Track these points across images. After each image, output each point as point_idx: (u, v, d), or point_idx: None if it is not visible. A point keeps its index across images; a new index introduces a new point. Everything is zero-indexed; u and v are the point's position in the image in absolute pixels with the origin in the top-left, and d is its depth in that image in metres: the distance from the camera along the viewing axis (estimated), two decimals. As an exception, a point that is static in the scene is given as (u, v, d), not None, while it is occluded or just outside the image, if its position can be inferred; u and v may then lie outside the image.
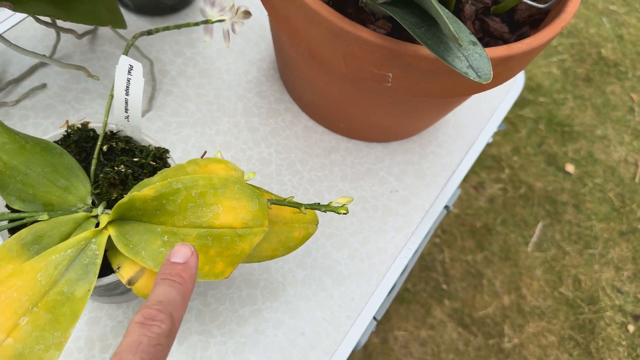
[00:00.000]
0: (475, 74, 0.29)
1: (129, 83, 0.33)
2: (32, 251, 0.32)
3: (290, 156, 0.52)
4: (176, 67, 0.54)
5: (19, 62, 0.51)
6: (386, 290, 0.47)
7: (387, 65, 0.36)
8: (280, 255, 0.37)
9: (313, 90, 0.48)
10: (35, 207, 0.34)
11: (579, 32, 1.69)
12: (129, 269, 0.33)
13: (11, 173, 0.33)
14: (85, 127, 0.37)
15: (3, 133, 0.33)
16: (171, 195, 0.32)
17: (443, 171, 0.54)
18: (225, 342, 0.42)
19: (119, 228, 0.33)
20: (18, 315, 0.30)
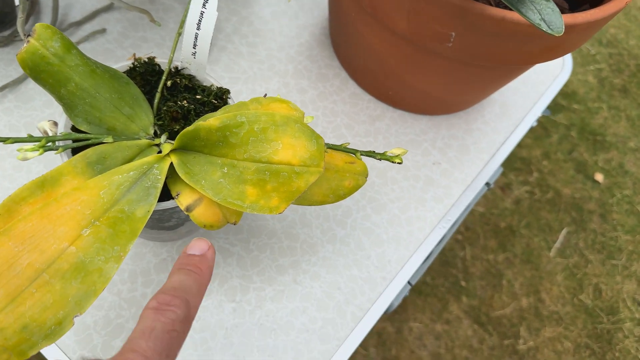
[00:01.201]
0: (547, 26, 0.29)
1: (202, 16, 0.34)
2: (95, 170, 0.33)
3: (336, 120, 0.53)
4: (231, 25, 0.55)
5: (81, 7, 0.53)
6: (422, 256, 0.47)
7: (452, 23, 0.37)
8: (330, 202, 0.38)
9: (366, 54, 0.49)
10: (100, 131, 0.35)
11: (618, 42, 1.67)
12: (188, 197, 0.34)
13: (81, 94, 0.34)
14: (151, 61, 0.38)
15: (77, 55, 0.34)
16: (235, 127, 0.33)
17: (488, 148, 0.54)
18: (264, 289, 0.43)
19: (181, 157, 0.34)
20: (81, 226, 0.31)
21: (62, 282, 0.30)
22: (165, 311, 0.22)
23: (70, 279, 0.30)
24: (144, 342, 0.21)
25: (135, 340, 0.21)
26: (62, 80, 0.34)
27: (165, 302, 0.23)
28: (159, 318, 0.22)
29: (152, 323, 0.22)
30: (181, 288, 0.24)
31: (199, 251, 0.27)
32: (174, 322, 0.22)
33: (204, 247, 0.27)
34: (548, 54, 0.41)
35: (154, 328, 0.22)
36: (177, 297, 0.23)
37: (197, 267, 0.26)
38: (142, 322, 0.22)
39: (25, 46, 0.33)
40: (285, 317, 0.42)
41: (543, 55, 0.40)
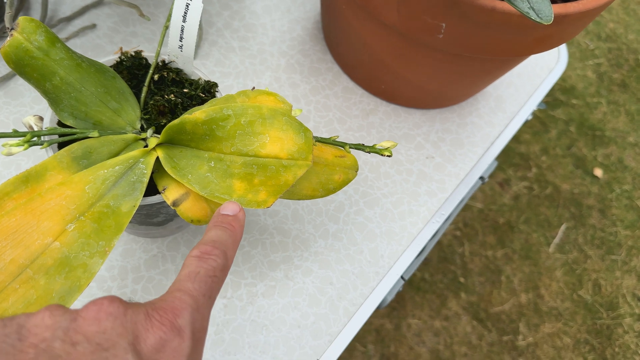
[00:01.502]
0: (536, 15, 0.29)
1: (187, 8, 0.33)
2: (81, 165, 0.33)
3: (329, 115, 0.52)
4: (222, 19, 0.54)
5: (71, 2, 0.52)
6: (416, 251, 0.47)
7: (442, 14, 0.36)
8: (320, 196, 0.37)
9: (358, 47, 0.48)
10: (86, 125, 0.35)
11: (617, 37, 1.66)
12: (174, 191, 0.33)
13: (66, 89, 0.34)
14: (138, 55, 0.37)
15: (62, 49, 0.33)
16: (221, 120, 0.32)
17: (481, 142, 0.53)
18: (256, 284, 0.43)
19: (168, 151, 0.33)
20: (66, 221, 0.30)
21: (46, 278, 0.30)
22: (207, 259, 0.25)
23: (55, 274, 0.30)
24: (190, 284, 0.23)
25: (182, 282, 0.23)
26: (47, 74, 0.33)
27: (207, 251, 0.25)
28: (201, 265, 0.24)
29: (196, 268, 0.24)
30: (219, 241, 0.26)
31: (232, 212, 0.29)
32: (214, 269, 0.24)
33: (236, 209, 0.29)
34: (541, 45, 0.40)
35: (198, 272, 0.24)
36: (216, 248, 0.25)
37: (230, 225, 0.28)
38: (187, 268, 0.24)
39: (9, 40, 0.32)
40: (277, 313, 0.42)
41: (536, 46, 0.40)
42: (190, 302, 0.22)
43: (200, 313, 0.22)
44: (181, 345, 0.20)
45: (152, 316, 0.21)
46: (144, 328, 0.20)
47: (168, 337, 0.20)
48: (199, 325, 0.22)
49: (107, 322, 0.20)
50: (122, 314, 0.20)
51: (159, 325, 0.20)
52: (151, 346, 0.20)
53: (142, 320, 0.20)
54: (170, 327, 0.20)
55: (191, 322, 0.21)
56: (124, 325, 0.20)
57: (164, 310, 0.21)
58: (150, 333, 0.20)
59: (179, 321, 0.21)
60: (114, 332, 0.19)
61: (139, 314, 0.20)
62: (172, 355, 0.20)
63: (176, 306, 0.21)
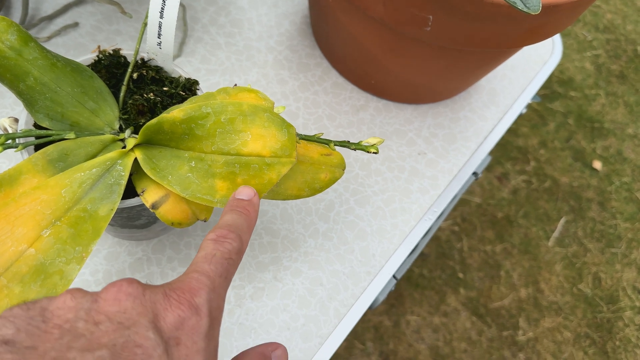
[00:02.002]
0: (524, 5, 0.28)
1: (164, 4, 0.32)
2: (57, 167, 0.32)
3: (318, 111, 0.51)
4: (208, 15, 0.53)
5: (53, 1, 0.51)
6: (408, 249, 0.46)
7: (429, 6, 0.35)
8: (305, 195, 0.36)
9: (347, 41, 0.47)
10: (62, 127, 0.34)
11: (615, 28, 1.65)
12: (154, 193, 0.32)
13: (41, 89, 0.33)
14: (116, 53, 0.36)
15: (35, 48, 0.32)
16: (200, 119, 0.31)
17: (474, 137, 0.52)
18: (244, 287, 0.42)
19: (146, 151, 0.32)
20: (41, 227, 0.29)
21: (21, 286, 0.29)
22: (223, 242, 0.25)
23: (30, 282, 0.29)
24: (207, 265, 0.23)
25: (199, 264, 0.24)
26: (20, 74, 0.32)
27: (223, 235, 0.26)
28: (217, 247, 0.25)
29: (213, 251, 0.24)
30: (235, 225, 0.27)
31: (247, 197, 0.30)
32: (230, 251, 0.25)
33: (251, 194, 0.30)
34: (533, 36, 0.39)
35: (215, 255, 0.24)
36: (232, 231, 0.26)
37: (245, 210, 0.28)
38: (204, 250, 0.25)
39: (-21, 39, 0.31)
40: (266, 316, 0.41)
41: (527, 37, 0.39)
42: (207, 283, 0.23)
43: (217, 293, 0.23)
44: (199, 322, 0.21)
45: (170, 296, 0.21)
46: (163, 307, 0.21)
47: (186, 315, 0.21)
48: (215, 305, 0.22)
49: (127, 302, 0.20)
50: (141, 294, 0.21)
51: (177, 304, 0.21)
52: (170, 324, 0.20)
53: (160, 300, 0.21)
54: (188, 306, 0.21)
55: (208, 301, 0.22)
56: (144, 305, 0.20)
57: (181, 290, 0.22)
58: (169, 312, 0.20)
59: (196, 300, 0.21)
60: (134, 312, 0.20)
61: (157, 294, 0.21)
62: (191, 332, 0.21)
63: (193, 286, 0.22)
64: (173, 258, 0.42)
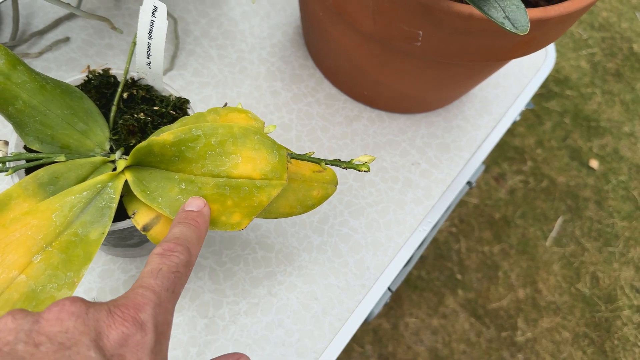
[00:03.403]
0: (512, 25, 0.28)
1: (152, 26, 0.32)
2: (47, 191, 0.32)
3: (311, 123, 0.51)
4: (200, 27, 0.53)
5: (44, 15, 0.51)
6: (403, 261, 0.46)
7: (418, 21, 0.35)
8: (297, 213, 0.36)
9: (338, 54, 0.47)
10: (52, 149, 0.34)
11: (610, 26, 1.64)
12: (145, 215, 0.32)
13: (30, 112, 0.33)
14: (106, 73, 0.36)
15: (24, 71, 0.32)
16: (190, 141, 0.31)
17: (468, 146, 0.52)
18: (238, 302, 0.42)
19: (137, 174, 0.32)
20: (32, 253, 0.29)
21: (12, 313, 0.28)
22: (169, 256, 0.25)
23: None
24: (152, 280, 0.23)
25: (145, 279, 0.23)
26: (9, 98, 0.32)
27: (169, 248, 0.25)
28: (164, 261, 0.25)
29: (159, 265, 0.24)
30: (182, 237, 0.26)
31: (196, 207, 0.29)
32: (177, 264, 0.25)
33: (201, 205, 0.29)
34: (522, 50, 0.39)
35: (161, 269, 0.24)
36: (179, 244, 0.26)
37: (195, 221, 0.28)
38: (150, 265, 0.24)
39: (-34, 65, 0.31)
40: (260, 332, 0.41)
41: (517, 50, 0.39)
42: (152, 297, 0.22)
43: (163, 307, 0.23)
44: (144, 338, 0.21)
45: (114, 313, 0.21)
46: (106, 324, 0.20)
47: (130, 332, 0.20)
48: (162, 319, 0.22)
49: (69, 321, 0.20)
50: (84, 312, 0.20)
51: (121, 321, 0.21)
52: (114, 341, 0.20)
53: (104, 318, 0.20)
54: (133, 322, 0.21)
55: (153, 316, 0.22)
56: (86, 324, 0.20)
57: (125, 307, 0.21)
58: (112, 329, 0.20)
59: (141, 316, 0.21)
60: (76, 331, 0.20)
61: (101, 311, 0.21)
62: (136, 348, 0.20)
63: (138, 302, 0.22)
64: (167, 275, 0.42)
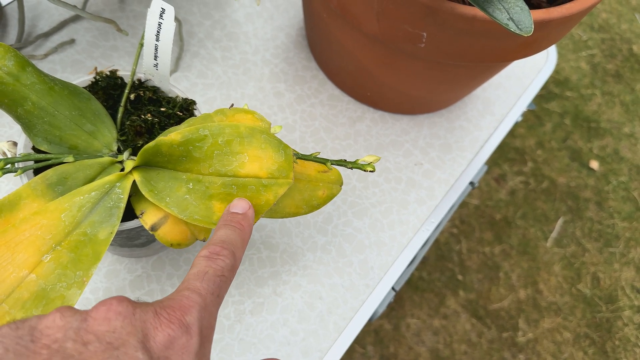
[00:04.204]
0: (516, 26, 0.28)
1: (160, 27, 0.33)
2: (56, 192, 0.32)
3: (315, 124, 0.51)
4: (204, 29, 0.54)
5: (49, 17, 0.51)
6: (406, 261, 0.46)
7: (422, 23, 0.35)
8: (303, 213, 0.36)
9: (341, 55, 0.47)
10: (61, 150, 0.34)
11: (610, 27, 1.65)
12: (153, 215, 0.32)
13: (39, 113, 0.33)
14: (113, 75, 0.37)
15: (33, 73, 0.33)
16: (198, 141, 0.31)
17: (470, 146, 0.52)
18: (243, 302, 0.42)
19: (144, 174, 0.32)
20: (41, 252, 0.30)
21: (22, 312, 0.29)
22: (215, 259, 0.25)
23: (31, 308, 0.29)
24: (199, 283, 0.23)
25: (191, 281, 0.23)
26: (18, 99, 0.32)
27: (215, 252, 0.25)
28: (210, 264, 0.25)
29: (205, 268, 0.24)
30: (228, 241, 0.27)
31: (241, 210, 0.29)
32: (223, 268, 0.25)
33: (246, 207, 0.30)
34: (525, 51, 0.39)
35: (207, 272, 0.24)
36: (225, 248, 0.26)
37: (239, 224, 0.28)
38: (196, 267, 0.25)
39: (-24, 66, 0.31)
40: (266, 331, 0.41)
41: (520, 52, 0.39)
42: (198, 301, 0.22)
43: (208, 311, 0.23)
44: (189, 342, 0.21)
45: (160, 314, 0.21)
46: (153, 326, 0.20)
47: (176, 334, 0.21)
48: (206, 323, 0.22)
49: (116, 321, 0.20)
50: (131, 313, 0.20)
51: (167, 323, 0.21)
52: (160, 343, 0.20)
53: (150, 319, 0.21)
54: (179, 325, 0.21)
55: (199, 319, 0.22)
56: (133, 324, 0.20)
57: (172, 309, 0.21)
58: (159, 331, 0.20)
59: (187, 319, 0.21)
60: (124, 331, 0.20)
61: (148, 312, 0.21)
62: (181, 351, 0.20)
63: (184, 304, 0.22)
64: (173, 275, 0.42)
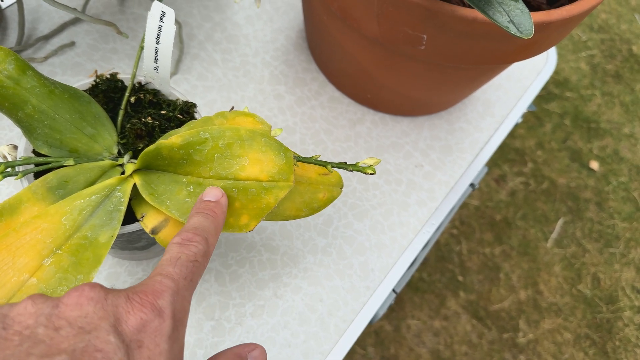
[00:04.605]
0: (516, 29, 0.28)
1: (160, 31, 0.33)
2: (57, 195, 0.32)
3: (315, 126, 0.51)
4: (204, 31, 0.54)
5: (49, 20, 0.51)
6: (407, 263, 0.46)
7: (422, 25, 0.35)
8: (304, 215, 0.36)
9: (342, 57, 0.47)
10: (61, 153, 0.34)
11: (610, 27, 1.65)
12: (153, 218, 0.32)
13: (39, 117, 0.33)
14: (113, 78, 0.37)
15: (33, 76, 0.33)
16: (198, 144, 0.31)
17: (470, 148, 0.52)
18: (244, 304, 0.42)
19: (145, 177, 0.32)
20: (42, 256, 0.30)
21: (23, 315, 0.29)
22: (188, 245, 0.25)
23: (32, 311, 0.29)
24: (171, 268, 0.24)
25: (164, 267, 0.24)
26: (19, 103, 0.32)
27: (188, 238, 0.26)
28: (182, 250, 0.25)
29: (177, 254, 0.25)
30: (201, 228, 0.27)
31: (214, 198, 0.29)
32: (195, 254, 0.25)
33: (218, 195, 0.30)
34: (525, 53, 0.39)
35: (179, 258, 0.24)
36: (198, 234, 0.26)
37: (212, 212, 0.28)
38: (169, 253, 0.25)
39: (-23, 70, 0.31)
40: (267, 333, 0.41)
41: (520, 54, 0.39)
42: (170, 285, 0.22)
43: (181, 295, 0.23)
44: (162, 324, 0.21)
45: (132, 299, 0.21)
46: (125, 310, 0.20)
47: (149, 318, 0.21)
48: (179, 307, 0.22)
49: (88, 306, 0.20)
50: (103, 298, 0.21)
51: (140, 307, 0.21)
52: (132, 327, 0.20)
53: (122, 303, 0.21)
54: (151, 308, 0.21)
55: (171, 303, 0.22)
56: (105, 309, 0.20)
57: (144, 293, 0.22)
58: (131, 315, 0.20)
59: (159, 302, 0.21)
60: (96, 316, 0.20)
61: (120, 297, 0.21)
62: (153, 334, 0.21)
63: (157, 289, 0.22)
64: (173, 277, 0.42)
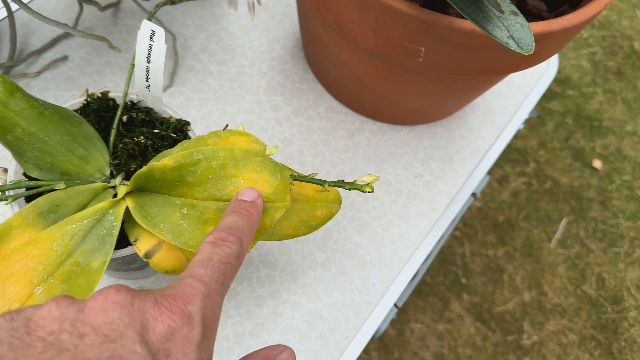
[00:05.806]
0: (516, 45, 0.27)
1: (150, 50, 0.32)
2: (48, 220, 0.31)
3: (313, 137, 0.51)
4: (199, 42, 0.53)
5: (41, 34, 0.50)
6: (408, 277, 0.45)
7: (420, 38, 0.35)
8: (302, 234, 0.36)
9: (339, 68, 0.46)
10: (52, 176, 0.33)
11: (611, 24, 1.64)
12: (146, 242, 0.32)
13: (29, 140, 0.32)
14: (105, 96, 0.36)
15: (22, 98, 0.32)
16: (191, 166, 0.31)
17: (471, 157, 0.52)
18: (243, 323, 0.41)
19: (137, 199, 0.32)
20: (33, 284, 0.29)
21: (14, 346, 0.28)
22: (221, 245, 0.24)
23: (23, 341, 0.28)
24: (202, 270, 0.22)
25: (194, 268, 0.23)
26: (7, 126, 0.32)
27: (222, 237, 0.25)
28: (215, 251, 0.24)
29: (210, 255, 0.23)
30: (235, 227, 0.26)
31: (250, 198, 0.29)
32: (229, 255, 0.24)
33: (254, 195, 0.29)
34: (525, 63, 0.38)
35: (211, 259, 0.23)
36: (232, 234, 0.25)
37: (247, 211, 0.27)
38: (201, 254, 0.24)
39: (-37, 94, 0.31)
40: (266, 352, 0.40)
41: (520, 64, 0.38)
42: (201, 289, 0.21)
43: (212, 300, 0.22)
44: (191, 332, 0.20)
45: (160, 304, 0.20)
46: (152, 317, 0.19)
47: (177, 325, 0.20)
48: (210, 313, 0.21)
49: (114, 312, 0.19)
50: (130, 302, 0.19)
51: (168, 313, 0.20)
52: (160, 335, 0.19)
53: (150, 309, 0.20)
54: (180, 315, 0.20)
55: (202, 308, 0.21)
56: (131, 315, 0.19)
57: (173, 297, 0.20)
58: (158, 321, 0.19)
59: (188, 308, 0.20)
60: (122, 322, 0.19)
61: (147, 302, 0.20)
62: (182, 343, 0.19)
63: (186, 293, 0.21)
64: (170, 296, 0.41)
